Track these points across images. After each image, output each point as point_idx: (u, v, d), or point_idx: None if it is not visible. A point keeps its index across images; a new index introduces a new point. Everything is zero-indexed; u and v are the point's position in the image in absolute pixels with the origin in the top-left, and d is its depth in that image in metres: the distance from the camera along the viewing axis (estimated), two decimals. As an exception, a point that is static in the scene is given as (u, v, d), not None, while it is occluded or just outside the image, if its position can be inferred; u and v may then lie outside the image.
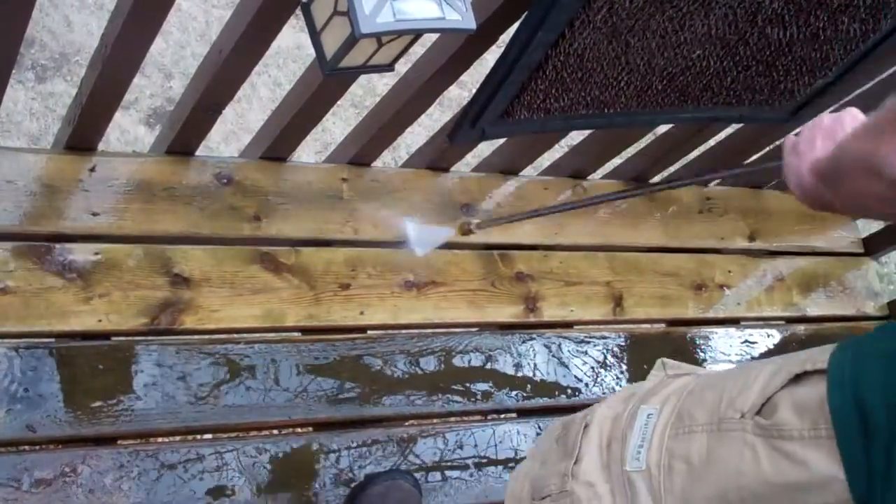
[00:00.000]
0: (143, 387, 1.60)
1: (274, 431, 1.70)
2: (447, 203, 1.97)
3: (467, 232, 1.72)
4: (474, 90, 1.56)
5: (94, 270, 1.61)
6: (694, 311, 2.18)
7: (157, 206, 1.69)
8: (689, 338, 2.15)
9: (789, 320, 2.32)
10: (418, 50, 1.67)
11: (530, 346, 1.96)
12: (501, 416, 1.90)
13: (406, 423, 1.80)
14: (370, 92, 2.96)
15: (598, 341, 2.03)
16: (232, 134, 2.73)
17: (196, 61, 1.58)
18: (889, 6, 1.64)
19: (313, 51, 1.32)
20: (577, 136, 2.15)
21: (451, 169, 2.01)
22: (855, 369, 0.96)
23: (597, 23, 1.43)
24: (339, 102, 1.72)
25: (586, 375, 1.99)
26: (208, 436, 1.64)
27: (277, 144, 1.78)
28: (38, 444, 1.52)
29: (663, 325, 2.16)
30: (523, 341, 1.96)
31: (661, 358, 1.37)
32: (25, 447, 1.51)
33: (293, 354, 1.74)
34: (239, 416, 1.66)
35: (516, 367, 1.93)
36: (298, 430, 1.72)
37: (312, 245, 1.82)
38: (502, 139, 2.04)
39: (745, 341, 2.21)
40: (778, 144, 2.25)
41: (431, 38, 1.58)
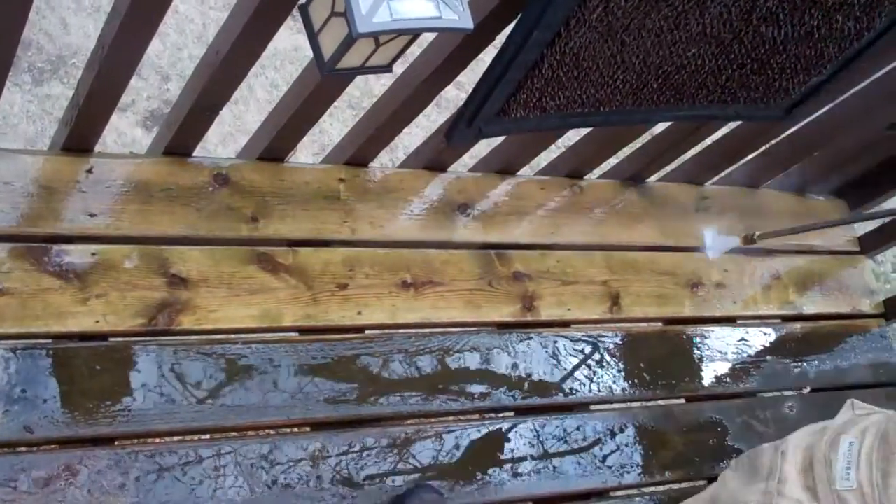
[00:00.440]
0: (140, 387, 1.60)
1: (272, 431, 1.70)
2: (444, 203, 1.97)
3: (750, 241, 2.10)
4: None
5: (91, 271, 1.62)
6: (690, 309, 2.18)
7: (154, 206, 1.69)
8: (685, 336, 2.16)
9: (786, 318, 2.32)
10: (415, 50, 1.67)
11: (528, 346, 1.96)
12: (499, 415, 1.90)
13: (404, 423, 1.81)
14: (367, 93, 2.96)
15: (596, 340, 2.04)
16: (229, 136, 2.73)
17: (193, 63, 1.59)
18: (883, 4, 1.64)
19: (311, 52, 1.33)
20: (574, 137, 2.15)
21: (449, 169, 2.01)
22: None
23: (592, 21, 1.44)
24: (336, 104, 1.73)
25: (584, 374, 1.99)
26: (206, 436, 1.64)
27: (275, 145, 1.79)
28: (35, 444, 1.52)
29: (660, 324, 2.16)
30: (521, 340, 1.96)
31: (850, 399, 1.64)
32: (23, 448, 1.51)
33: (291, 354, 1.74)
34: (237, 416, 1.66)
35: (514, 366, 1.93)
36: (296, 429, 1.72)
37: (310, 245, 1.82)
38: (499, 139, 2.05)
39: (742, 339, 2.22)
40: (774, 144, 2.26)
41: (428, 38, 1.59)
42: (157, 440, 1.61)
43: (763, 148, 2.28)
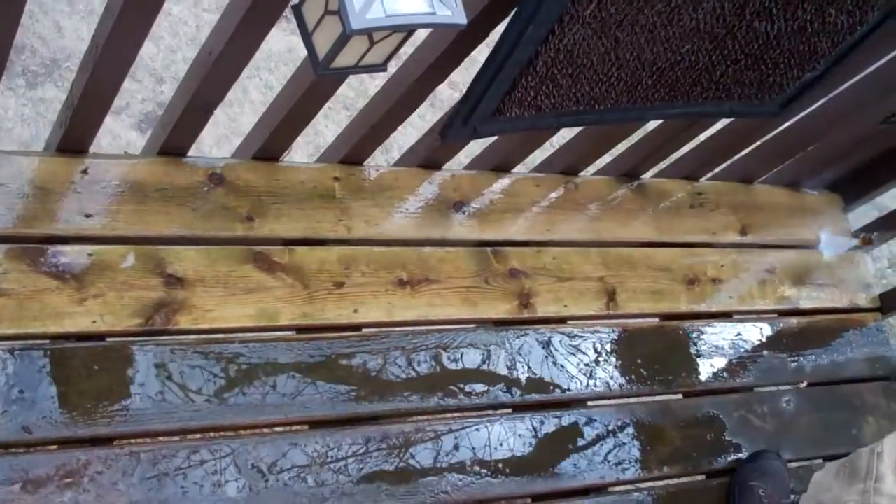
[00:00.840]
0: (138, 387, 1.60)
1: (270, 430, 1.70)
2: (440, 201, 1.98)
3: (868, 241, 2.22)
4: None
5: (87, 272, 1.62)
6: (687, 305, 2.19)
7: (149, 207, 1.70)
8: (682, 332, 2.16)
9: (782, 313, 2.32)
10: (409, 49, 1.67)
11: (524, 342, 1.96)
12: (497, 412, 1.90)
13: (402, 421, 1.81)
14: (362, 94, 2.96)
15: (592, 336, 2.04)
16: (224, 137, 2.73)
17: (187, 66, 1.59)
18: (876, -2, 1.65)
19: (305, 53, 1.33)
20: (569, 134, 2.16)
21: (443, 167, 2.01)
22: None
23: (586, 18, 1.44)
24: (331, 105, 1.73)
25: (581, 370, 1.99)
26: (204, 435, 1.64)
27: (269, 145, 1.79)
28: (34, 445, 1.52)
29: (657, 320, 2.17)
30: (517, 337, 1.96)
31: None
32: (21, 449, 1.51)
33: (288, 353, 1.74)
34: (235, 415, 1.66)
35: (511, 363, 1.93)
36: (295, 428, 1.72)
37: (306, 244, 1.82)
38: (495, 137, 2.05)
39: (738, 334, 2.22)
40: (767, 140, 2.26)
41: (422, 36, 1.59)
42: (156, 440, 1.61)
43: (758, 143, 2.28)
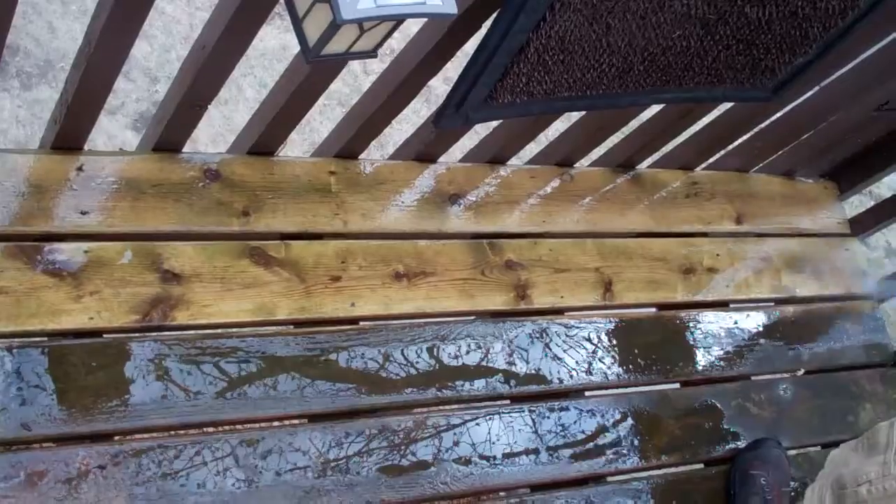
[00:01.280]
0: (137, 383, 1.60)
1: (269, 424, 1.70)
2: (435, 194, 1.98)
3: None
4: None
5: (84, 268, 1.62)
6: (683, 294, 2.19)
7: (145, 203, 1.70)
8: (679, 321, 2.17)
9: (778, 301, 2.33)
10: (402, 41, 1.68)
11: (522, 334, 1.97)
12: (495, 402, 1.90)
13: (400, 413, 1.81)
14: (357, 90, 2.96)
15: (589, 327, 2.04)
16: (219, 136, 2.73)
17: (181, 65, 1.60)
18: (866, -18, 1.66)
19: (297, 44, 1.33)
20: (564, 125, 2.16)
21: (438, 160, 2.01)
22: None
23: (577, 4, 1.44)
24: (326, 102, 1.73)
25: (578, 361, 2.00)
26: (203, 430, 1.65)
27: (264, 139, 1.79)
28: (33, 442, 1.52)
29: (653, 310, 2.17)
30: (515, 329, 1.96)
31: None
32: (21, 446, 1.51)
33: (286, 347, 1.74)
34: (234, 409, 1.67)
35: (508, 354, 1.93)
36: (294, 422, 1.72)
37: (302, 238, 1.82)
38: (488, 130, 2.06)
39: (735, 323, 2.23)
40: (763, 128, 2.27)
41: (415, 29, 1.60)
42: (155, 435, 1.61)
43: (752, 132, 2.29)
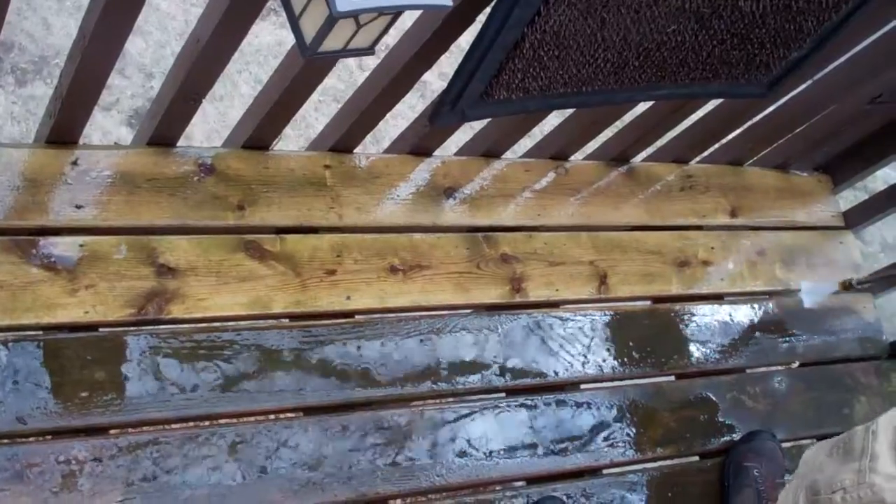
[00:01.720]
0: (132, 376, 1.61)
1: (265, 417, 1.71)
2: (430, 187, 1.98)
3: (849, 287, 2.22)
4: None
5: (79, 262, 1.62)
6: (678, 287, 2.20)
7: (140, 197, 1.70)
8: (674, 314, 2.17)
9: (773, 294, 2.34)
10: (397, 35, 1.68)
11: (517, 327, 1.97)
12: (490, 395, 1.91)
13: (396, 406, 1.81)
14: (352, 86, 2.94)
15: (584, 320, 2.05)
16: (214, 132, 2.73)
17: (176, 61, 1.60)
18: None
19: (293, 40, 1.33)
20: (558, 119, 2.16)
21: (433, 154, 2.02)
22: None
23: (571, -1, 1.45)
24: (321, 98, 1.73)
25: (573, 354, 2.00)
26: (199, 423, 1.65)
27: (259, 133, 1.79)
28: (28, 435, 1.52)
29: (648, 303, 2.17)
30: (510, 322, 1.97)
31: None
32: (16, 439, 1.51)
33: (281, 341, 1.74)
34: (229, 403, 1.67)
35: (504, 347, 1.94)
36: (289, 415, 1.73)
37: (297, 232, 1.82)
38: (483, 123, 2.06)
39: (730, 316, 2.23)
40: (757, 121, 2.27)
41: (409, 22, 1.60)
42: (151, 428, 1.61)
43: (746, 125, 2.29)
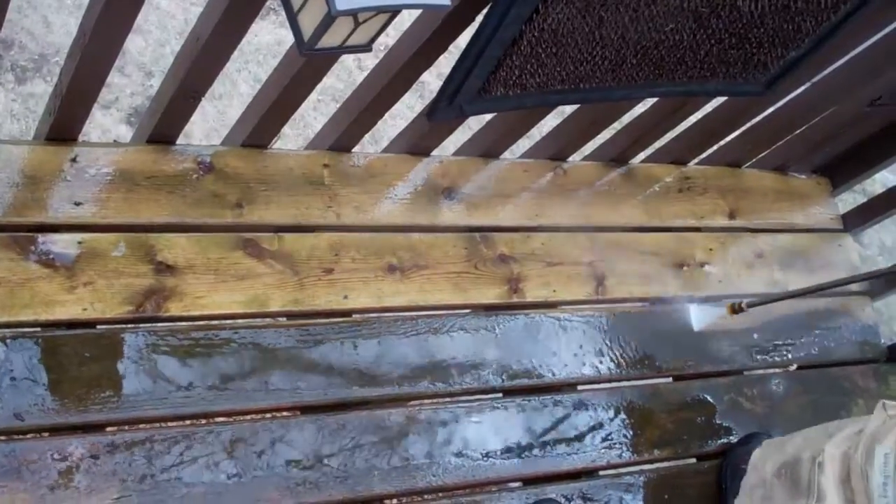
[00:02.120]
0: (129, 374, 1.61)
1: (262, 416, 1.71)
2: (428, 187, 1.99)
3: (738, 310, 2.10)
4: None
5: (78, 259, 1.62)
6: (675, 288, 2.20)
7: (139, 194, 1.70)
8: (671, 315, 2.17)
9: (770, 296, 2.33)
10: (396, 34, 1.68)
11: (514, 327, 1.97)
12: (487, 396, 1.91)
13: (393, 406, 1.81)
14: (351, 86, 2.95)
15: (582, 320, 2.05)
16: (213, 131, 2.73)
17: (176, 59, 1.60)
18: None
19: (292, 38, 1.33)
20: (556, 119, 2.17)
21: (432, 153, 2.02)
22: None
23: (569, -4, 1.45)
24: (320, 97, 1.74)
25: (570, 354, 2.00)
26: (196, 421, 1.65)
27: (258, 132, 1.79)
28: (26, 432, 1.52)
29: (646, 304, 2.17)
30: (507, 322, 1.97)
31: (882, 400, 1.62)
32: (13, 436, 1.51)
33: (279, 339, 1.74)
34: (226, 401, 1.67)
35: (501, 347, 1.94)
36: (286, 413, 1.73)
37: (295, 231, 1.83)
38: (481, 123, 2.06)
39: (728, 317, 2.23)
40: (755, 123, 2.27)
41: (408, 22, 1.60)
42: (148, 426, 1.61)
43: (745, 127, 2.29)
